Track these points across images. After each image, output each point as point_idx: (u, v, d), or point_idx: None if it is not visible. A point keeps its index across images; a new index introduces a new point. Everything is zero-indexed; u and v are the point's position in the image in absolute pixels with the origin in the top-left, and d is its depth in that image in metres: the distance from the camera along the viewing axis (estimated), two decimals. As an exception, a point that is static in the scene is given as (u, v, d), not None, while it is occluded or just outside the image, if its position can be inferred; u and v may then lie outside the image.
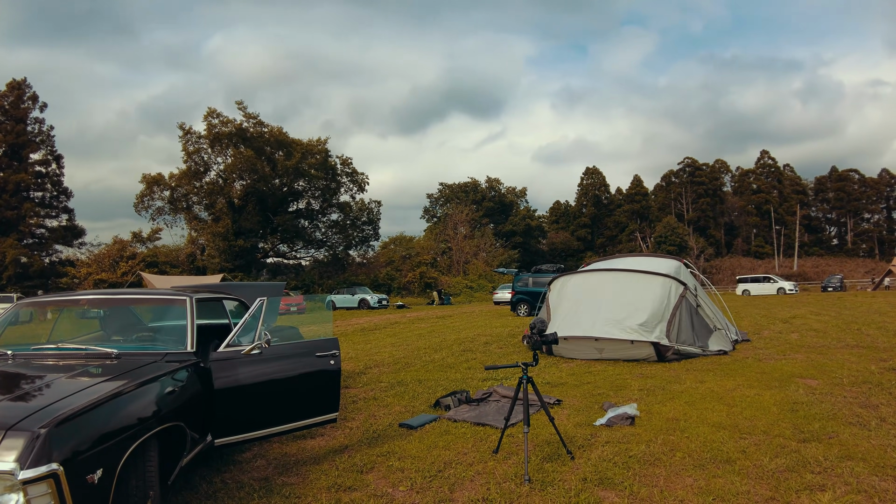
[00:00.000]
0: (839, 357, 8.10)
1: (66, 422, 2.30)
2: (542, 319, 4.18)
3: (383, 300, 32.36)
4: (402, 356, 9.72)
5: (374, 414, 5.56)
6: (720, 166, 79.78)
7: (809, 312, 16.51)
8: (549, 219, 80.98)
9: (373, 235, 49.26)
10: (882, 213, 75.98)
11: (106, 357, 3.40)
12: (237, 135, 41.46)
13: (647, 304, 8.24)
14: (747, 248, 73.15)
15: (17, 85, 40.32)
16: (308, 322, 21.14)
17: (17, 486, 2.06)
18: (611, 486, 3.49)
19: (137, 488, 2.73)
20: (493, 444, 4.31)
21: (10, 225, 37.52)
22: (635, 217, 75.56)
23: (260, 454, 4.35)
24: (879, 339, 9.84)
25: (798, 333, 11.28)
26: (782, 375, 6.83)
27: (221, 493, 3.57)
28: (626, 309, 8.25)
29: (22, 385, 2.92)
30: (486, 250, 53.03)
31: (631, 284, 8.69)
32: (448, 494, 3.44)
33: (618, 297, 8.51)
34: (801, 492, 3.32)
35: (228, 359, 3.60)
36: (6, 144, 39.03)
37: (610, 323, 8.17)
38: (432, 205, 72.33)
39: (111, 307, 4.47)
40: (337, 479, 3.71)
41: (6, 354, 3.44)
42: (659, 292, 8.40)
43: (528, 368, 4.03)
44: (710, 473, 3.64)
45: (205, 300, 4.34)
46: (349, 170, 47.09)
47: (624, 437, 4.45)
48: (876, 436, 4.30)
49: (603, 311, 8.38)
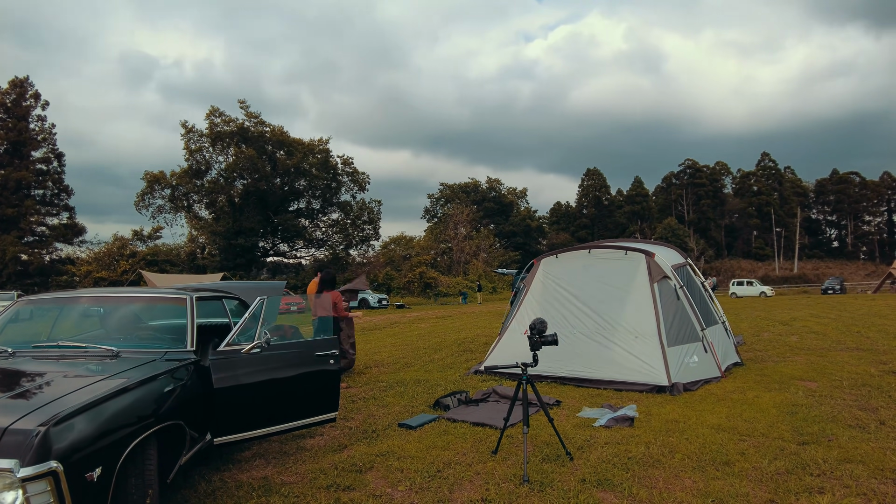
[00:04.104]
0: (839, 359, 8.09)
1: (66, 420, 2.30)
2: (542, 320, 4.18)
3: (383, 300, 32.39)
4: (401, 356, 9.72)
5: (374, 414, 5.56)
6: (721, 168, 79.80)
7: (809, 315, 16.50)
8: (550, 219, 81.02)
9: (373, 235, 49.29)
10: (882, 216, 76.03)
11: (106, 355, 3.40)
12: (239, 134, 41.50)
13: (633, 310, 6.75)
14: (748, 249, 73.15)
15: (19, 83, 40.35)
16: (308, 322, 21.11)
17: (17, 484, 2.06)
18: (610, 487, 3.49)
19: (136, 486, 2.73)
20: (492, 445, 4.31)
21: (10, 222, 37.51)
22: (636, 218, 75.57)
23: (259, 453, 4.36)
24: (879, 342, 9.83)
25: (798, 336, 11.27)
26: (782, 377, 6.83)
27: (220, 491, 3.57)
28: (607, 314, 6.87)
29: (22, 383, 2.92)
30: (487, 251, 53.03)
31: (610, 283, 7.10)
32: (447, 495, 3.44)
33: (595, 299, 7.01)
34: (801, 494, 3.32)
35: (228, 358, 3.60)
36: (8, 142, 39.05)
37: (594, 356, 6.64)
38: (433, 205, 72.37)
39: (111, 305, 4.47)
40: (336, 479, 3.71)
41: (6, 352, 3.45)
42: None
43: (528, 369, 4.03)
44: (710, 475, 3.64)
45: (205, 299, 4.34)
46: (350, 169, 47.15)
47: (623, 439, 4.45)
48: (875, 438, 4.30)
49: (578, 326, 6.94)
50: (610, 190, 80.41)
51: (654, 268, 6.97)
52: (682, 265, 7.73)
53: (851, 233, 75.39)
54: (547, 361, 6.01)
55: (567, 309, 7.19)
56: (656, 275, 6.93)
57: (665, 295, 6.86)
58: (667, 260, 7.29)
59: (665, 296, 6.85)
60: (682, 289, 7.10)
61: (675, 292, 6.96)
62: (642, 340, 6.55)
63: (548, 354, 5.02)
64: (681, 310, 6.92)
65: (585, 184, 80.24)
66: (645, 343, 6.52)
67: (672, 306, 6.85)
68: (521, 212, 73.60)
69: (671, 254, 7.98)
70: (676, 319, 6.79)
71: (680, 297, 6.99)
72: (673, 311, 6.81)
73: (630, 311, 6.81)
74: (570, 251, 7.89)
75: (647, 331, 6.58)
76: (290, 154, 43.22)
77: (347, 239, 48.23)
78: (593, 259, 7.46)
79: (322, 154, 44.54)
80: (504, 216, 71.25)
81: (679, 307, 6.91)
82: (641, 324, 6.65)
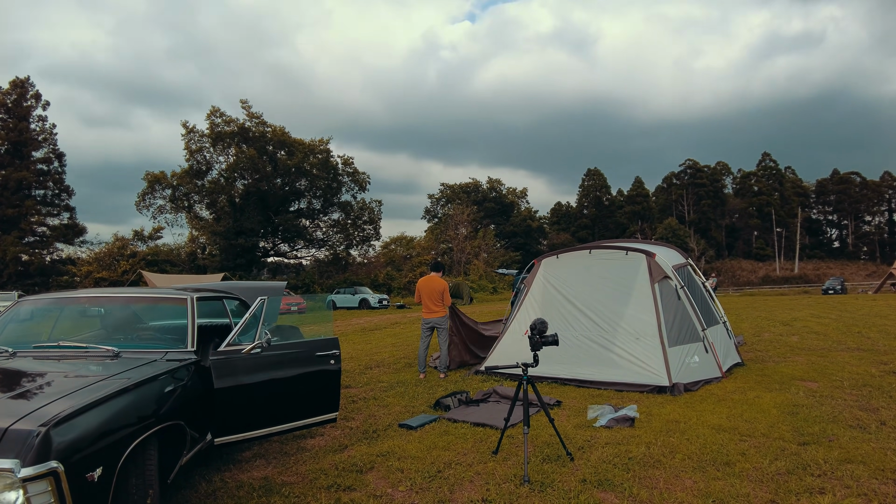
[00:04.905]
0: (840, 360, 8.09)
1: (67, 420, 2.30)
2: (542, 320, 4.17)
3: (384, 300, 32.39)
4: (402, 356, 9.72)
5: (374, 414, 5.56)
6: (721, 168, 79.78)
7: (810, 315, 16.49)
8: (550, 220, 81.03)
9: (374, 235, 49.28)
10: (883, 216, 75.97)
11: (106, 355, 3.40)
12: (239, 134, 41.52)
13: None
14: (748, 250, 73.14)
15: (19, 83, 40.37)
16: (308, 322, 21.15)
17: (17, 484, 2.06)
18: (610, 487, 3.49)
19: (137, 486, 2.73)
20: (492, 445, 4.31)
21: (11, 223, 37.52)
22: (636, 218, 75.56)
23: (260, 454, 4.36)
24: (880, 342, 9.82)
25: (798, 336, 11.26)
26: (782, 378, 6.82)
27: (221, 492, 3.58)
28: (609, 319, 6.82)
29: (22, 383, 2.92)
30: (487, 251, 53.02)
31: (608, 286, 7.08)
32: (447, 495, 3.44)
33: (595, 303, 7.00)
34: (801, 495, 3.31)
35: (229, 358, 3.60)
36: (8, 142, 39.04)
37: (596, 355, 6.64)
38: (433, 205, 72.42)
39: (112, 305, 4.48)
40: (337, 479, 3.71)
41: (7, 352, 3.45)
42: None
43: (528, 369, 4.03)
44: (710, 476, 3.64)
45: (205, 299, 4.34)
46: (350, 169, 47.15)
47: (624, 439, 4.45)
48: (876, 439, 4.30)
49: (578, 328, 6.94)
50: (610, 190, 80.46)
51: (654, 268, 6.97)
52: (682, 265, 7.73)
53: (852, 233, 75.36)
54: (547, 362, 5.97)
55: (567, 309, 7.18)
56: (657, 275, 6.93)
57: (666, 295, 6.85)
58: (667, 260, 7.29)
59: (666, 296, 6.84)
60: (683, 289, 7.09)
61: (675, 292, 6.96)
62: (643, 341, 6.54)
63: (548, 355, 5.02)
64: (681, 310, 6.91)
65: (586, 184, 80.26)
66: (646, 343, 6.51)
67: (673, 306, 6.84)
68: (522, 212, 73.63)
69: (672, 254, 7.97)
70: (677, 319, 6.78)
71: (681, 297, 6.99)
72: (674, 312, 6.80)
73: (631, 311, 6.80)
74: (570, 251, 7.88)
75: (647, 331, 6.57)
76: (290, 154, 43.22)
77: (348, 239, 48.22)
78: (594, 259, 7.46)
79: (322, 154, 44.54)
80: (505, 216, 71.30)
81: (680, 307, 6.91)
82: (642, 324, 6.64)
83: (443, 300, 7.66)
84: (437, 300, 7.61)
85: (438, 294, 7.61)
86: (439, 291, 7.62)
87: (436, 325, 7.68)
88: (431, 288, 7.64)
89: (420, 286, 7.75)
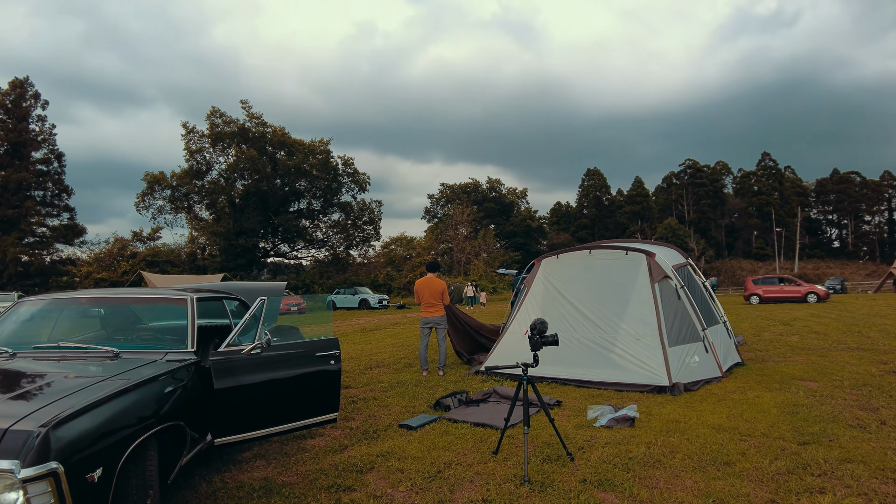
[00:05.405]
0: (840, 359, 8.09)
1: (67, 421, 2.30)
2: (542, 320, 4.17)
3: (384, 300, 32.38)
4: (402, 356, 9.72)
5: (374, 414, 5.56)
6: (721, 167, 79.79)
7: (810, 314, 16.49)
8: (550, 220, 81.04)
9: (374, 235, 49.30)
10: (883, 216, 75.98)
11: (106, 356, 3.40)
12: (239, 134, 41.52)
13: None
14: (748, 249, 73.14)
15: (19, 83, 40.35)
16: (309, 322, 21.15)
17: (17, 485, 2.06)
18: (610, 487, 3.49)
19: (137, 487, 2.73)
20: (492, 445, 4.31)
21: (11, 223, 37.51)
22: (636, 218, 75.55)
23: (260, 454, 4.36)
24: (880, 342, 9.82)
25: (798, 336, 11.26)
26: (783, 377, 6.82)
27: (221, 492, 3.57)
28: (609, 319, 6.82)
29: (22, 383, 2.92)
30: (487, 251, 53.02)
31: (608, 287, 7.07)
32: (448, 495, 3.44)
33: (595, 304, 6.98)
34: (802, 494, 3.31)
35: (229, 358, 3.60)
36: (8, 143, 39.02)
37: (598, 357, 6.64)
38: (433, 205, 72.41)
39: (112, 306, 4.47)
40: (337, 480, 3.71)
41: (7, 353, 3.45)
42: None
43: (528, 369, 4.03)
44: (710, 475, 3.64)
45: (205, 300, 4.34)
46: (350, 170, 47.17)
47: (624, 439, 4.45)
48: (876, 438, 4.30)
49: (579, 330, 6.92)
50: (610, 190, 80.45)
51: (654, 268, 6.97)
52: (682, 265, 7.73)
53: (852, 232, 75.37)
54: (548, 362, 5.96)
55: (567, 309, 7.18)
56: (657, 275, 6.93)
57: (666, 295, 6.85)
58: (667, 260, 7.29)
59: (666, 296, 6.84)
60: (683, 289, 7.09)
61: (675, 292, 6.96)
62: (643, 340, 6.54)
63: (548, 355, 5.00)
64: (681, 310, 6.91)
65: (586, 184, 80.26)
66: (646, 343, 6.51)
67: (673, 306, 6.83)
68: (522, 212, 73.62)
69: (672, 254, 7.97)
70: (677, 319, 6.77)
71: (681, 296, 6.98)
72: (674, 311, 6.80)
73: (631, 311, 6.79)
74: (570, 251, 7.89)
75: (647, 331, 6.57)
76: (290, 154, 43.23)
77: (348, 239, 48.24)
78: (594, 259, 7.46)
79: (322, 155, 44.55)
80: (504, 216, 71.29)
81: (680, 307, 6.91)
82: (642, 324, 6.64)
83: (442, 300, 7.87)
84: (437, 300, 7.82)
85: (438, 294, 7.83)
86: (439, 292, 7.85)
87: (435, 325, 7.88)
88: (432, 289, 7.84)
89: (420, 287, 7.88)
